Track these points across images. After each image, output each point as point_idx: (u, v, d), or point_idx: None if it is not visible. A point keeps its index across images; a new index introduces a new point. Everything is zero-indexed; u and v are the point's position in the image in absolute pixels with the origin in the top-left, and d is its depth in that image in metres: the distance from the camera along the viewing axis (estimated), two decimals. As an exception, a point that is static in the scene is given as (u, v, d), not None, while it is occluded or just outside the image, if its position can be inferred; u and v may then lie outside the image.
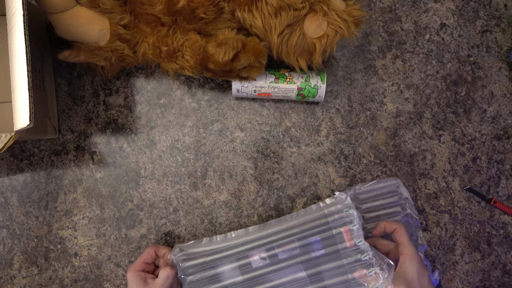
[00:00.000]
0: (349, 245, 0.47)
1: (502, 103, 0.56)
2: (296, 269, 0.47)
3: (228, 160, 0.57)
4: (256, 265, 0.48)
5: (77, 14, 0.44)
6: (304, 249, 0.48)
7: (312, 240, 0.48)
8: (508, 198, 0.56)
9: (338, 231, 0.47)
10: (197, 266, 0.50)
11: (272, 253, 0.48)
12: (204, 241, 0.51)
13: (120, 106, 0.57)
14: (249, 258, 0.49)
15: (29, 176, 0.57)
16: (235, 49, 0.45)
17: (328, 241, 0.48)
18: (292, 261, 0.48)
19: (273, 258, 0.48)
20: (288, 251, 0.48)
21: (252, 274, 0.48)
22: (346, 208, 0.48)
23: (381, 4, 0.56)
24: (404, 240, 0.46)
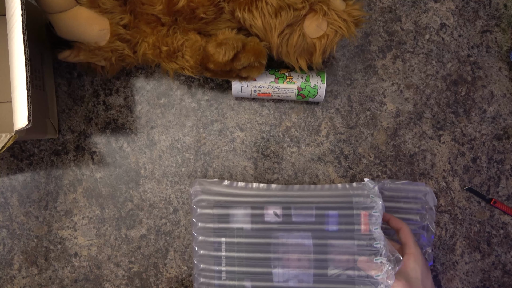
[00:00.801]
0: (364, 229, 0.47)
1: (502, 103, 0.56)
2: (305, 235, 0.48)
3: (228, 160, 0.57)
4: (268, 219, 0.49)
5: (77, 14, 0.44)
6: (319, 219, 0.48)
7: (329, 213, 0.48)
8: (508, 198, 0.56)
9: (358, 212, 0.47)
10: (211, 201, 0.51)
11: (287, 213, 0.49)
12: (225, 183, 0.53)
13: (120, 106, 0.57)
14: (263, 210, 0.49)
15: (29, 176, 0.57)
16: (235, 49, 0.45)
17: (345, 219, 0.48)
18: (303, 226, 0.48)
19: (286, 217, 0.49)
20: (303, 216, 0.48)
21: (261, 226, 0.49)
22: (372, 194, 0.48)
23: (381, 4, 0.56)
24: (409, 241, 0.46)
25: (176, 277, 0.57)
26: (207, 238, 0.50)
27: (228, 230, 0.49)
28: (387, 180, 0.54)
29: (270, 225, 0.48)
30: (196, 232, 0.51)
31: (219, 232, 0.49)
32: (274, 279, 0.48)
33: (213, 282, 0.50)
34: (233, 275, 0.49)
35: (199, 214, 0.50)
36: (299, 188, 0.52)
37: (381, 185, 0.53)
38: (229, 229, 0.49)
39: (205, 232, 0.51)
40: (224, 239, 0.49)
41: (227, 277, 0.49)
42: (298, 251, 0.47)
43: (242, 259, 0.48)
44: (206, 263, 0.50)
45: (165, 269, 0.57)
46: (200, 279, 0.51)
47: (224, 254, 0.49)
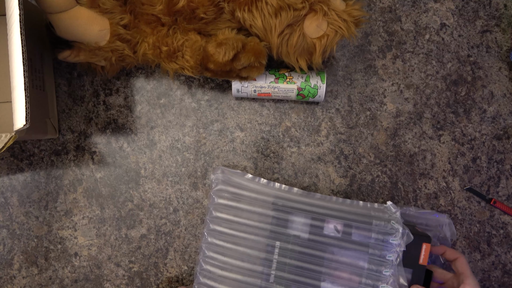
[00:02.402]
0: (423, 260, 0.47)
1: (502, 103, 0.56)
2: (361, 256, 0.47)
3: (228, 160, 0.57)
4: (326, 232, 0.48)
5: (77, 14, 0.44)
6: (378, 244, 0.47)
7: (390, 241, 0.47)
8: (508, 198, 0.56)
9: (420, 243, 0.47)
10: (233, 193, 0.51)
11: (347, 230, 0.48)
12: (247, 176, 0.53)
13: (120, 106, 0.57)
14: (323, 222, 0.48)
15: (29, 176, 0.57)
16: (235, 49, 0.45)
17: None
18: (360, 248, 0.47)
19: (346, 234, 0.48)
20: (363, 237, 0.48)
21: (318, 238, 0.48)
22: (393, 221, 0.48)
23: (381, 4, 0.56)
24: (467, 271, 0.46)
25: (176, 277, 0.57)
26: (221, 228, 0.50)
27: (284, 235, 0.48)
28: (411, 207, 0.53)
29: (328, 239, 0.48)
30: (211, 220, 0.51)
31: (275, 235, 0.49)
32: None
33: (257, 282, 0.49)
34: (282, 280, 0.48)
35: (216, 204, 0.50)
36: (320, 198, 0.51)
37: (403, 210, 0.53)
38: (285, 234, 0.48)
39: (220, 222, 0.50)
40: (278, 243, 0.48)
41: (275, 281, 0.48)
42: (350, 271, 0.47)
43: (293, 266, 0.48)
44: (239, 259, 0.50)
45: (166, 269, 0.57)
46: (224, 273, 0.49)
47: (276, 258, 0.48)
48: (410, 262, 0.46)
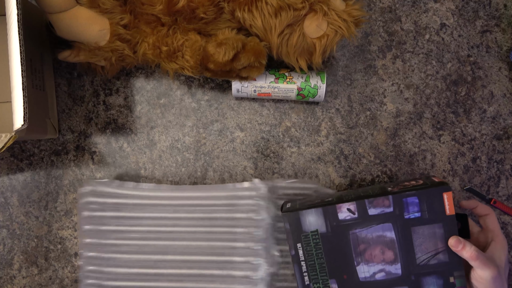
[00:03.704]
0: (449, 210, 0.45)
1: (502, 103, 0.56)
2: (385, 227, 0.46)
3: (228, 160, 0.57)
4: (342, 217, 0.47)
5: (77, 14, 0.44)
6: (399, 208, 0.46)
7: (408, 200, 0.46)
8: (508, 198, 0.56)
9: (440, 193, 0.45)
10: (102, 204, 0.52)
11: (361, 207, 0.46)
12: (115, 183, 0.53)
13: (120, 106, 0.57)
14: (335, 209, 0.47)
15: (29, 176, 0.57)
16: (235, 49, 0.45)
17: (428, 203, 0.46)
18: (382, 218, 0.47)
19: (362, 212, 0.47)
20: (380, 208, 0.47)
21: (336, 225, 0.47)
22: (257, 197, 0.49)
23: (381, 4, 0.56)
24: (497, 228, 0.45)
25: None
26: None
27: (303, 235, 0.47)
28: (278, 179, 0.54)
29: (346, 222, 0.47)
30: (81, 235, 0.52)
31: (294, 238, 0.48)
32: (359, 275, 0.47)
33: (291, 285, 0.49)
34: (317, 278, 0.48)
35: (86, 217, 0.52)
36: (190, 188, 0.53)
37: (271, 184, 0.53)
38: (303, 233, 0.47)
39: (94, 234, 0.52)
40: (299, 244, 0.48)
41: (312, 279, 0.48)
42: (381, 244, 0.46)
43: (323, 262, 0.47)
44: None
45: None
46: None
47: (303, 259, 0.48)
48: (437, 216, 0.45)
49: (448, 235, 0.44)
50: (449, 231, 0.44)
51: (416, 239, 0.45)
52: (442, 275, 0.45)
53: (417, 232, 0.45)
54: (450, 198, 0.44)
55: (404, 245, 0.46)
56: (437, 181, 0.46)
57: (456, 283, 0.45)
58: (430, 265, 0.45)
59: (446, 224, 0.44)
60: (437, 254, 0.45)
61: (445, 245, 0.44)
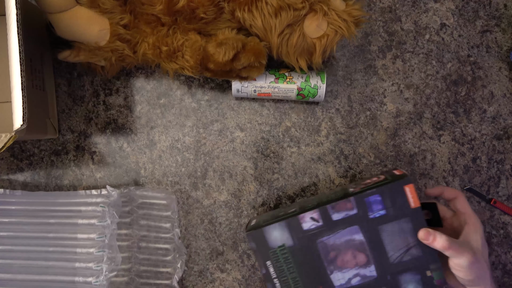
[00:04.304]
0: (414, 203, 0.43)
1: (502, 103, 0.56)
2: (352, 230, 0.45)
3: (228, 160, 0.57)
4: (307, 227, 0.45)
5: (77, 14, 0.44)
6: (362, 209, 0.45)
7: (371, 199, 0.45)
8: (508, 198, 0.56)
9: (401, 188, 0.44)
10: None
11: (324, 214, 0.45)
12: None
13: (120, 106, 0.57)
14: (299, 220, 0.45)
15: (29, 176, 0.57)
16: (235, 49, 0.45)
17: (391, 200, 0.44)
18: (347, 221, 0.45)
19: (326, 219, 0.45)
20: (344, 211, 0.45)
21: (302, 236, 0.46)
22: (102, 204, 0.50)
23: (381, 4, 0.56)
24: (468, 209, 0.43)
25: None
26: None
27: (270, 252, 0.46)
28: (133, 187, 0.55)
29: (312, 232, 0.46)
30: None
31: (263, 256, 0.47)
32: (335, 284, 0.46)
33: None
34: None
35: None
36: (43, 195, 0.54)
37: (128, 191, 0.54)
38: (271, 250, 0.46)
39: None
40: (269, 262, 0.46)
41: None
42: (351, 248, 0.45)
43: (296, 276, 0.46)
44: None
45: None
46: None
47: (275, 276, 0.46)
48: (403, 211, 0.43)
49: (417, 228, 0.43)
50: (417, 224, 0.43)
51: (385, 238, 0.44)
52: (418, 271, 0.44)
53: (385, 231, 0.44)
54: (412, 191, 0.43)
55: (374, 245, 0.44)
56: (398, 174, 0.44)
57: (434, 276, 0.43)
58: (404, 262, 0.44)
59: (413, 217, 0.43)
60: (409, 249, 0.44)
61: (415, 239, 0.43)
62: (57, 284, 0.50)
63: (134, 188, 0.54)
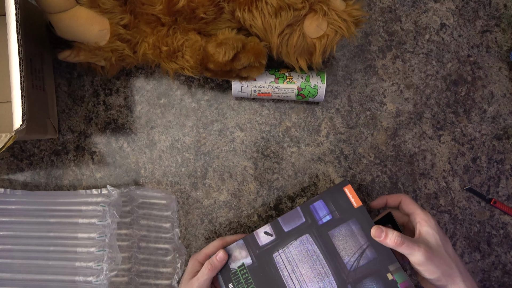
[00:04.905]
0: (356, 203, 0.44)
1: (502, 103, 0.56)
2: (304, 240, 0.45)
3: (228, 160, 0.57)
4: (262, 243, 0.45)
5: (77, 14, 0.44)
6: (309, 216, 0.45)
7: (315, 205, 0.45)
8: (508, 198, 0.56)
9: (341, 189, 0.45)
10: None
11: (276, 226, 0.45)
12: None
13: (120, 106, 0.57)
14: (254, 236, 0.45)
15: (29, 176, 0.57)
16: (235, 49, 0.45)
17: (334, 204, 0.45)
18: (298, 231, 0.45)
19: (278, 231, 0.45)
20: (293, 222, 0.46)
21: (260, 252, 0.45)
22: (103, 203, 0.50)
23: (381, 4, 0.56)
24: (415, 208, 0.42)
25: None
26: None
27: (231, 273, 0.45)
28: (133, 186, 0.55)
29: (267, 246, 0.45)
30: None
31: (224, 278, 0.46)
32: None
33: None
34: None
35: None
36: (44, 194, 0.54)
37: (128, 191, 0.54)
38: (231, 271, 0.45)
39: None
40: (231, 284, 0.45)
41: None
42: (306, 260, 0.44)
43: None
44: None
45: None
46: None
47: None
48: (348, 213, 0.43)
49: (365, 228, 0.42)
50: (364, 223, 0.43)
51: (338, 243, 0.43)
52: (378, 275, 0.42)
53: (335, 235, 0.44)
54: (351, 191, 0.43)
55: (328, 253, 0.43)
56: (336, 184, 0.45)
57: (397, 279, 0.42)
58: (362, 267, 0.42)
59: (359, 217, 0.43)
60: (363, 252, 0.43)
61: (366, 240, 0.42)
62: (57, 283, 0.50)
63: (135, 188, 0.55)
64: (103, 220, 0.50)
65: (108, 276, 0.48)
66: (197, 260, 0.47)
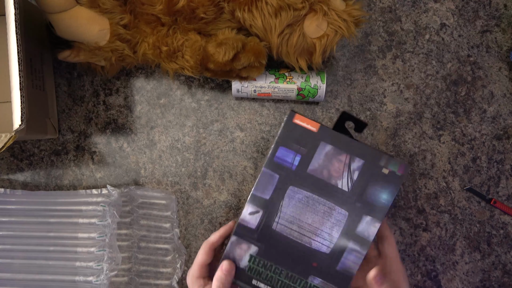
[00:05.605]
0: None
1: (502, 103, 0.56)
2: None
3: (228, 160, 0.57)
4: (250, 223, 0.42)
5: (77, 14, 0.44)
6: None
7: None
8: (508, 198, 0.56)
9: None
10: None
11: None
12: None
13: (120, 106, 0.57)
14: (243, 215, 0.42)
15: (29, 176, 0.57)
16: (235, 49, 0.45)
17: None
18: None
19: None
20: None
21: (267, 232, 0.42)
22: (103, 203, 0.50)
23: (381, 4, 0.56)
24: (395, 255, 0.42)
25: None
26: None
27: (247, 270, 0.41)
28: (133, 186, 0.55)
29: (262, 224, 0.41)
30: None
31: (244, 280, 0.42)
32: (322, 250, 0.41)
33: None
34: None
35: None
36: (44, 194, 0.54)
37: (128, 191, 0.54)
38: (246, 269, 0.41)
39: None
40: (254, 281, 0.41)
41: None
42: (304, 209, 0.41)
43: (285, 271, 0.41)
44: None
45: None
46: None
47: (269, 285, 0.41)
48: (313, 142, 0.40)
49: (336, 142, 0.40)
50: (333, 139, 0.40)
51: (322, 174, 0.40)
52: (375, 176, 0.40)
53: (315, 169, 0.40)
54: (302, 118, 0.40)
55: (320, 189, 0.41)
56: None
57: (393, 169, 0.40)
58: (357, 181, 0.40)
59: (324, 138, 0.40)
60: (349, 166, 0.40)
61: (344, 152, 0.40)
62: (57, 283, 0.50)
63: (135, 188, 0.55)
64: (103, 220, 0.50)
65: (108, 276, 0.48)
66: (196, 277, 0.42)
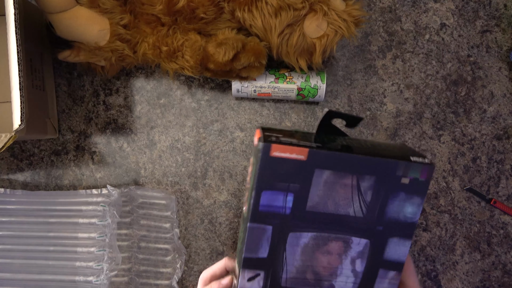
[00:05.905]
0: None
1: (502, 103, 0.56)
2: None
3: (228, 160, 0.57)
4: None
5: (77, 14, 0.44)
6: None
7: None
8: (508, 198, 0.56)
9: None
10: None
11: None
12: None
13: (120, 106, 0.57)
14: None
15: (29, 176, 0.57)
16: (235, 49, 0.45)
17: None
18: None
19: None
20: None
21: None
22: (103, 203, 0.50)
23: (381, 4, 0.56)
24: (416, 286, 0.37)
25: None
26: None
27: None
28: (133, 186, 0.56)
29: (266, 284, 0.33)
30: None
31: None
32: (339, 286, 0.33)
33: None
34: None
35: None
36: (45, 194, 0.54)
37: (128, 191, 0.54)
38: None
39: None
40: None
41: None
42: (314, 253, 0.33)
43: None
44: None
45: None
46: None
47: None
48: (303, 174, 0.30)
49: (335, 165, 0.31)
50: (329, 161, 0.31)
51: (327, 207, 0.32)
52: (394, 190, 0.32)
53: (316, 203, 0.32)
54: (282, 148, 0.29)
55: (329, 224, 0.32)
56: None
57: (414, 176, 0.31)
58: (372, 202, 0.32)
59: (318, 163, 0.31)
60: (358, 186, 0.31)
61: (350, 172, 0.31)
62: (57, 283, 0.50)
63: (135, 188, 0.55)
64: (103, 220, 0.50)
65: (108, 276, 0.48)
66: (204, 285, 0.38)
